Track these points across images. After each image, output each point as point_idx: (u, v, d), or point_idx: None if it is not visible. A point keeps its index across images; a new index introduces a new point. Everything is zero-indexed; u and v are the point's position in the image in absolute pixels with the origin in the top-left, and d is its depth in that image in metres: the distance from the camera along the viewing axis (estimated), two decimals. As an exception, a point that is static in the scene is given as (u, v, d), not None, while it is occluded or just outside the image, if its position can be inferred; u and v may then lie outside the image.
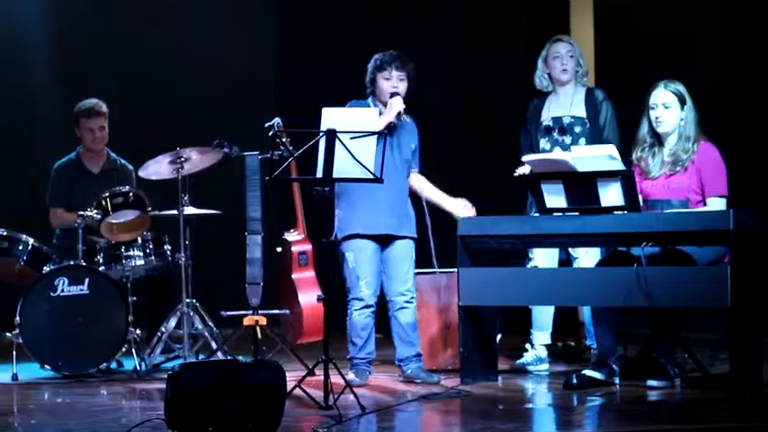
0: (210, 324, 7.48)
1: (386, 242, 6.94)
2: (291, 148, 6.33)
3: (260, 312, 7.22)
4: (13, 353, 7.19)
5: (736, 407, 5.98)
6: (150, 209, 7.43)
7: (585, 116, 7.34)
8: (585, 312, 7.39)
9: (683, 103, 6.70)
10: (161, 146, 7.47)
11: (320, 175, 6.01)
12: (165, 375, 5.23)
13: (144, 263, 7.60)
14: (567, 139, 7.32)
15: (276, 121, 7.21)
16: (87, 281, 7.24)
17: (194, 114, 10.02)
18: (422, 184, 7.10)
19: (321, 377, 5.92)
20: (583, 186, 6.47)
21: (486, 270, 6.82)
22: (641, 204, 6.61)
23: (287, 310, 7.73)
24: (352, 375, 6.79)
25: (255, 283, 7.24)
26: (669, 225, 6.33)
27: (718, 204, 6.58)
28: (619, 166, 6.44)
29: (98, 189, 7.59)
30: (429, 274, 7.38)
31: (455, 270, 6.91)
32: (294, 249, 7.75)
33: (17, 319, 7.15)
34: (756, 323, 6.29)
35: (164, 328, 7.38)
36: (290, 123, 7.22)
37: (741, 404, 6.01)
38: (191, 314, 7.35)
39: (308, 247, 7.78)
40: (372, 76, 6.99)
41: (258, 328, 7.16)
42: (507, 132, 7.74)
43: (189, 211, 7.42)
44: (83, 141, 8.05)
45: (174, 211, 7.39)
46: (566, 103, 7.41)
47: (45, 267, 7.37)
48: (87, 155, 8.10)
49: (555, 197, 6.57)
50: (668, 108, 6.70)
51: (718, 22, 8.75)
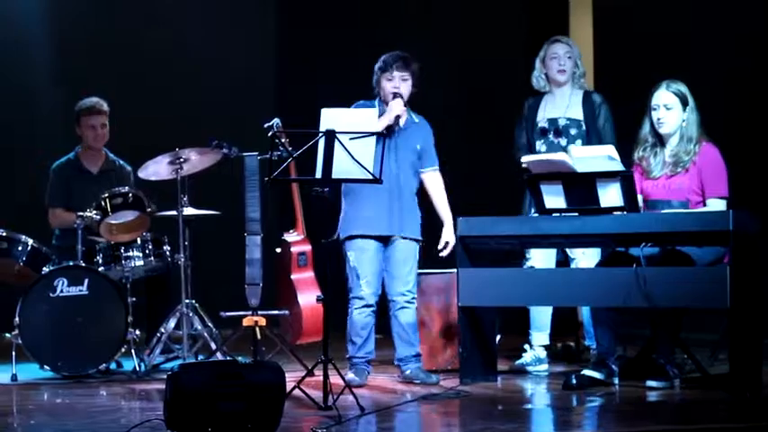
0: (210, 325, 7.48)
1: (388, 242, 6.95)
2: (291, 148, 6.32)
3: (259, 313, 7.22)
4: (13, 353, 7.18)
5: (735, 407, 5.98)
6: (150, 209, 7.42)
7: (582, 118, 7.34)
8: (584, 313, 7.39)
9: (685, 104, 6.69)
10: (161, 146, 7.46)
11: (319, 175, 6.02)
12: (165, 376, 5.24)
13: (143, 263, 7.60)
14: (563, 141, 7.30)
15: (275, 121, 7.21)
16: (87, 281, 7.24)
17: (194, 114, 10.01)
18: (431, 186, 7.07)
19: (320, 378, 5.92)
20: (582, 187, 6.47)
21: (486, 271, 6.81)
22: (641, 205, 6.61)
23: (286, 311, 7.73)
24: (352, 375, 6.79)
25: (255, 284, 7.24)
26: (668, 225, 6.33)
27: (718, 205, 6.57)
28: (618, 166, 6.44)
29: (97, 189, 7.60)
30: (429, 274, 7.38)
31: (454, 270, 6.92)
32: (293, 250, 7.75)
33: (16, 319, 7.15)
34: (756, 324, 6.29)
35: (163, 329, 7.37)
36: (289, 123, 7.22)
37: (740, 405, 6.01)
38: (190, 315, 7.34)
39: (307, 247, 7.78)
40: (377, 77, 6.99)
41: (257, 329, 7.16)
42: (507, 132, 7.73)
43: (188, 211, 7.42)
44: (83, 139, 8.05)
45: (174, 212, 7.39)
46: (562, 105, 7.40)
47: (44, 268, 7.36)
48: (86, 155, 8.09)
49: (554, 198, 6.56)
50: (670, 109, 6.69)
51: (717, 22, 8.74)
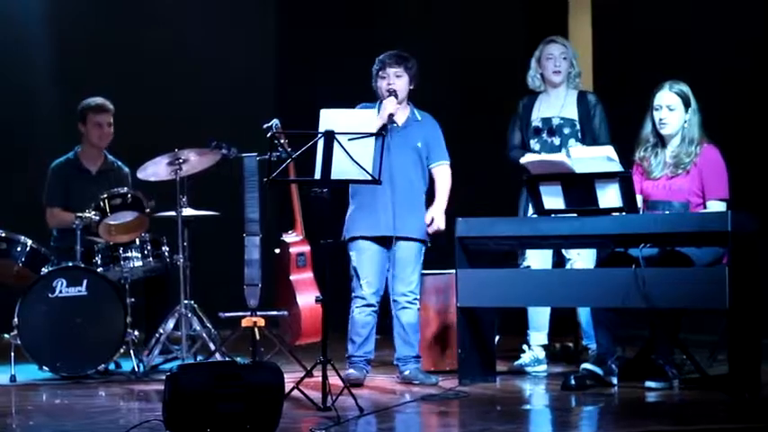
0: (209, 325, 7.47)
1: (391, 243, 6.95)
2: (290, 149, 6.32)
3: (258, 314, 7.21)
4: (12, 354, 7.18)
5: (734, 408, 5.98)
6: (149, 208, 7.42)
7: (576, 118, 7.34)
8: (581, 314, 7.39)
9: (687, 105, 6.67)
10: (160, 146, 7.46)
11: (318, 176, 6.02)
12: (164, 377, 5.24)
13: (142, 264, 7.60)
14: (556, 141, 7.31)
15: (274, 122, 7.21)
16: (85, 282, 7.24)
17: (193, 115, 10.01)
18: (436, 180, 7.07)
19: (319, 378, 5.92)
20: (581, 188, 6.47)
21: (485, 271, 6.81)
22: (640, 205, 6.61)
23: (285, 312, 7.72)
24: (351, 370, 6.82)
25: (254, 285, 7.23)
26: (667, 226, 6.33)
27: (718, 207, 6.57)
28: (617, 167, 6.43)
29: (95, 189, 7.60)
30: (427, 275, 7.38)
31: (453, 271, 6.91)
32: (292, 251, 7.75)
33: (15, 320, 7.15)
34: (755, 324, 6.29)
35: (162, 330, 7.37)
36: (289, 124, 7.22)
37: (739, 405, 6.01)
38: (189, 315, 7.34)
39: (306, 248, 7.78)
40: (374, 78, 7.00)
41: (256, 330, 7.15)
42: (506, 132, 7.72)
43: (187, 212, 7.41)
44: (88, 137, 8.02)
45: (173, 213, 7.39)
46: (557, 105, 7.40)
47: (43, 269, 7.36)
48: (86, 154, 8.08)
49: (553, 198, 6.56)
50: (672, 110, 6.68)
51: (716, 22, 8.73)
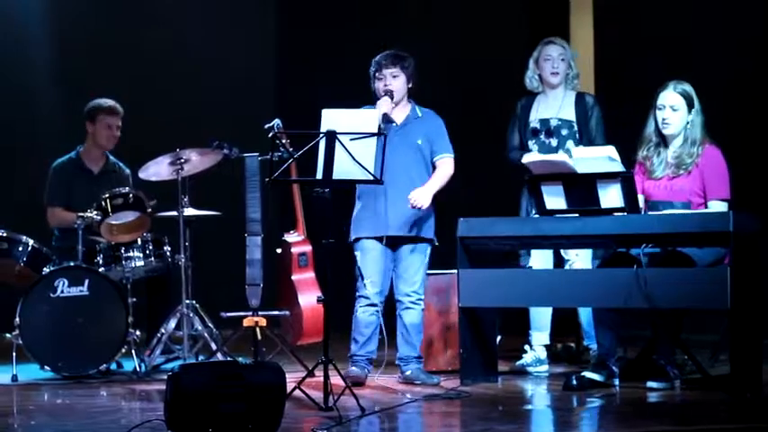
0: (210, 325, 7.47)
1: (396, 243, 6.95)
2: (291, 149, 6.32)
3: (260, 314, 7.21)
4: (13, 354, 7.18)
5: (735, 408, 5.98)
6: (150, 207, 7.42)
7: (574, 119, 7.34)
8: (582, 314, 7.39)
9: (690, 105, 6.66)
10: (161, 146, 7.47)
11: (320, 176, 6.02)
12: (165, 376, 5.24)
13: (144, 264, 7.60)
14: (554, 142, 7.32)
15: (276, 122, 7.21)
16: (87, 282, 7.24)
17: (194, 115, 10.01)
18: (436, 169, 7.04)
19: (321, 378, 5.93)
20: (582, 188, 6.47)
21: (486, 271, 6.81)
22: (642, 205, 6.61)
23: (287, 312, 7.72)
24: (353, 368, 6.83)
25: (255, 285, 7.24)
26: (669, 226, 6.33)
27: (719, 208, 6.56)
28: (618, 167, 6.43)
29: (97, 189, 7.60)
30: (429, 275, 7.38)
31: (454, 271, 6.91)
32: (294, 251, 7.74)
33: (17, 320, 7.15)
34: (756, 324, 6.29)
35: (163, 330, 7.37)
36: (290, 124, 7.22)
37: (741, 406, 6.01)
38: (190, 315, 7.34)
39: (307, 248, 7.77)
40: (371, 80, 7.01)
41: (258, 330, 7.15)
42: (506, 132, 7.72)
43: (189, 212, 7.41)
44: (95, 138, 8.00)
45: (174, 213, 7.39)
46: (554, 106, 7.41)
47: (45, 268, 7.36)
48: (89, 154, 8.08)
49: (555, 198, 6.56)
50: (676, 110, 6.67)
51: (718, 23, 8.74)
